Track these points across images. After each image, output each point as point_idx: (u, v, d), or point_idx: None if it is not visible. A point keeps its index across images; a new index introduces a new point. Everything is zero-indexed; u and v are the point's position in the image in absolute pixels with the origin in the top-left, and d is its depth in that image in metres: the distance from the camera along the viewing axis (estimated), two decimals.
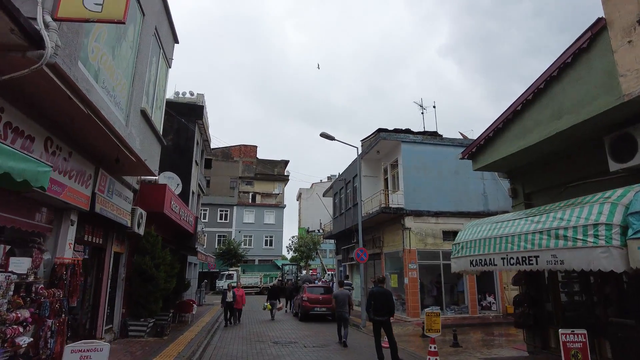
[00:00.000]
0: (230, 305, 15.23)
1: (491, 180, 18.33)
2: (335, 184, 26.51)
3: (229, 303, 15.22)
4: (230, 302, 15.20)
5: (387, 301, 8.93)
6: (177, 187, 15.72)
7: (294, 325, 16.32)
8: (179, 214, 14.14)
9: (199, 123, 24.10)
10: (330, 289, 18.77)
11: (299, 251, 47.05)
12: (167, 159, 22.73)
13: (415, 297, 16.00)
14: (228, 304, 15.27)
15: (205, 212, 48.65)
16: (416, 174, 17.36)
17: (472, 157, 10.20)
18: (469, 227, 9.00)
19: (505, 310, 17.02)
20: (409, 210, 16.74)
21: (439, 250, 16.88)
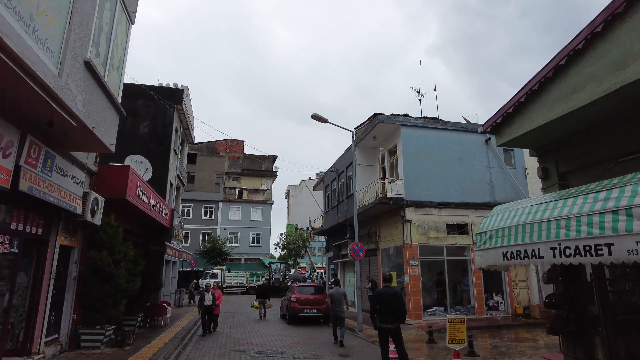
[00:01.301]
0: (209, 310, 12.77)
1: (498, 169, 16.80)
2: (327, 176, 24.76)
3: (208, 307, 12.73)
4: (209, 306, 12.72)
5: (397, 304, 7.22)
6: (145, 171, 13.80)
7: (281, 329, 14.53)
8: (148, 204, 12.24)
9: (179, 109, 22.16)
10: (321, 288, 17.03)
11: (288, 249, 45.23)
12: (143, 147, 20.79)
13: (417, 297, 14.36)
14: (207, 309, 12.74)
15: (189, 208, 46.57)
16: (417, 161, 15.71)
17: (496, 129, 8.52)
18: (498, 211, 7.33)
19: (514, 310, 15.50)
20: (410, 201, 15.09)
21: (443, 245, 15.28)
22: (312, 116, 14.78)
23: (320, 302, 16.02)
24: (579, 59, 6.45)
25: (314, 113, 14.74)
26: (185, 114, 23.67)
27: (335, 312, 11.30)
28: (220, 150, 57.84)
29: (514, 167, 17.21)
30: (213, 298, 12.68)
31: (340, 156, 21.52)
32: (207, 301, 12.61)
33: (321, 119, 14.81)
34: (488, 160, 16.76)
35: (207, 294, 12.72)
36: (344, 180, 20.62)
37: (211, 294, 12.76)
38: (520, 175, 17.22)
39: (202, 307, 12.61)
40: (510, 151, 17.40)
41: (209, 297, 12.64)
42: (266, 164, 60.20)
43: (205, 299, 12.61)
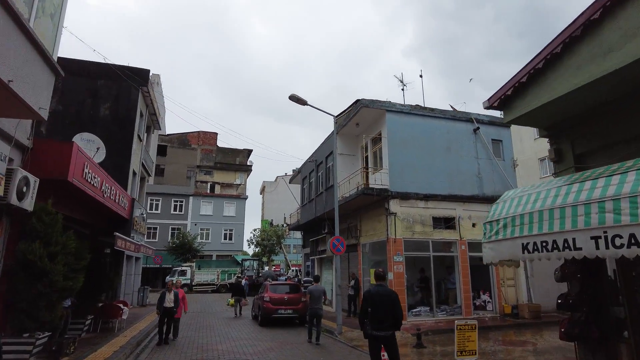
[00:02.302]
0: (169, 313, 10.60)
1: (486, 160, 15.90)
2: (304, 167, 23.41)
3: (168, 310, 10.54)
4: (169, 309, 10.56)
5: (391, 308, 5.97)
6: (96, 152, 12.08)
7: (252, 332, 13.12)
8: (100, 189, 10.57)
9: (144, 90, 20.29)
10: (297, 287, 15.70)
11: (262, 245, 43.63)
12: (103, 130, 18.83)
13: (402, 296, 13.18)
14: (167, 312, 10.54)
15: (158, 202, 44.28)
16: (403, 149, 14.58)
17: (504, 104, 7.39)
18: (512, 196, 6.18)
19: (502, 310, 14.63)
20: (395, 192, 13.95)
21: (429, 240, 14.22)
22: (290, 97, 13.42)
23: (296, 301, 14.70)
24: (618, 12, 5.35)
25: (293, 94, 13.39)
26: (152, 98, 21.79)
27: (313, 309, 10.87)
28: (192, 142, 55.51)
29: (503, 158, 16.36)
30: (175, 299, 10.67)
31: (320, 146, 20.22)
32: (167, 302, 10.53)
33: (300, 100, 13.46)
34: (476, 151, 15.83)
35: (168, 294, 10.68)
36: (323, 171, 19.33)
37: (173, 293, 10.76)
38: (509, 167, 16.39)
39: (161, 309, 10.51)
40: (499, 142, 16.55)
41: (170, 297, 10.60)
42: (240, 158, 58.20)
43: (166, 299, 10.54)
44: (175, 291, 10.92)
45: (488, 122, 16.46)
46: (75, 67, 19.15)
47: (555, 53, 6.23)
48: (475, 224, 14.97)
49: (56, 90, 18.71)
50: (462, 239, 14.55)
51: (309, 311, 11.15)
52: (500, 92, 7.33)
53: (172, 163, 52.76)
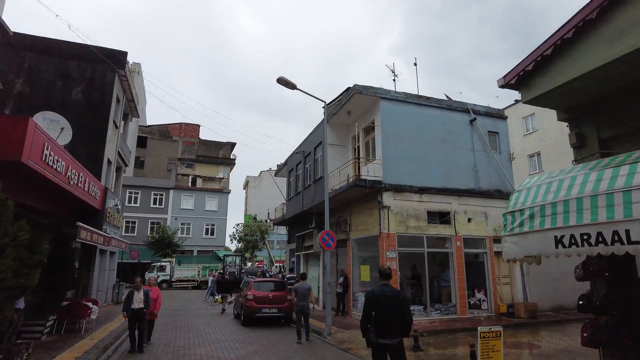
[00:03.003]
0: (139, 315, 8.95)
1: (482, 152, 15.24)
2: (291, 159, 22.43)
3: (136, 312, 8.91)
4: (138, 310, 8.93)
5: (399, 311, 5.11)
6: (60, 132, 10.89)
7: (235, 333, 12.17)
8: (64, 175, 9.43)
9: (121, 74, 18.99)
10: (282, 284, 14.78)
11: (245, 240, 42.48)
12: (75, 115, 17.44)
13: None
14: (135, 314, 8.90)
15: (137, 195, 42.69)
16: (397, 139, 13.78)
17: (522, 81, 6.61)
18: (539, 182, 5.38)
19: (498, 309, 14.02)
20: (389, 185, 13.14)
21: (423, 235, 13.47)
22: (278, 80, 12.44)
23: (281, 300, 13.80)
24: None
25: (281, 77, 12.42)
26: (130, 83, 20.48)
27: (300, 307, 10.68)
28: (173, 134, 53.85)
29: (499, 151, 15.73)
30: (146, 299, 9.05)
31: (308, 136, 19.29)
32: (135, 303, 8.89)
33: (289, 83, 12.49)
34: (472, 143, 15.15)
35: (137, 293, 9.01)
36: (311, 163, 18.41)
37: (143, 292, 9.13)
38: (506, 160, 15.77)
39: (129, 311, 8.84)
40: (495, 134, 15.91)
41: (139, 296, 8.97)
42: (224, 151, 56.74)
43: (134, 299, 8.89)
44: (146, 290, 9.32)
45: (484, 113, 15.81)
46: (43, 46, 17.76)
47: (589, 20, 5.45)
48: (471, 219, 14.31)
49: (22, 69, 17.39)
50: (457, 235, 13.86)
51: (296, 309, 10.86)
52: (519, 68, 6.53)
53: (153, 155, 51.07)
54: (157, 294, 9.72)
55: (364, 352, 9.29)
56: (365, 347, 9.24)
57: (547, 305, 14.60)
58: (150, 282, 10.04)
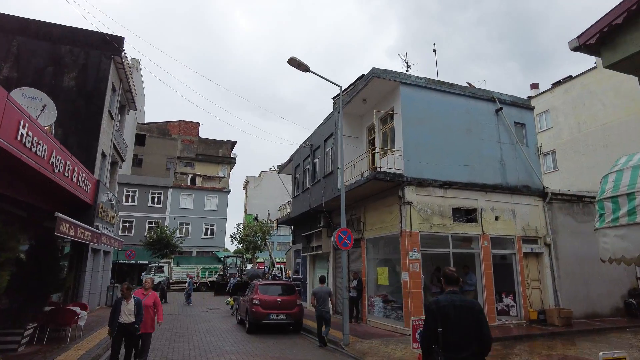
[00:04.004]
0: (128, 332, 6.91)
1: (509, 145, 14.01)
2: (297, 154, 21.15)
3: (126, 328, 6.86)
4: (128, 326, 6.85)
5: (475, 326, 3.83)
6: (42, 111, 9.62)
7: (240, 342, 10.88)
8: (47, 161, 8.17)
9: (117, 60, 17.74)
10: (292, 287, 13.52)
11: (245, 241, 41.16)
12: (67, 103, 16.14)
13: (418, 299, 11.20)
14: (123, 330, 6.87)
15: (134, 193, 41.39)
16: (419, 128, 12.55)
17: (606, 40, 5.37)
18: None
19: (528, 315, 12.76)
20: (411, 178, 11.89)
21: (449, 235, 12.22)
22: (289, 60, 11.23)
23: (291, 305, 12.55)
24: None
25: (293, 57, 11.20)
26: (127, 71, 19.24)
27: (320, 312, 10.39)
28: (172, 132, 52.62)
29: (526, 144, 14.51)
30: (138, 309, 6.94)
31: (317, 128, 18.03)
32: (124, 315, 6.83)
33: (301, 65, 11.28)
34: (498, 135, 13.93)
35: (125, 303, 6.90)
36: (320, 157, 17.15)
37: (133, 301, 6.96)
38: (533, 154, 14.54)
39: (115, 326, 6.81)
40: (521, 126, 14.69)
41: (129, 307, 6.87)
42: (223, 150, 55.51)
43: (122, 311, 6.83)
44: (137, 298, 7.11)
45: (510, 102, 14.59)
46: (34, 29, 16.49)
47: None
48: (498, 217, 13.07)
49: (9, 54, 16.12)
50: (484, 234, 12.61)
51: (316, 313, 10.51)
52: (602, 23, 5.27)
53: (151, 154, 49.82)
54: (153, 300, 7.64)
55: None
56: None
57: (579, 311, 13.35)
58: (145, 286, 7.80)
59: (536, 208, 13.92)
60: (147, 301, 7.44)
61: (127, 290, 7.04)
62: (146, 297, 7.46)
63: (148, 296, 7.58)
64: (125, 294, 6.99)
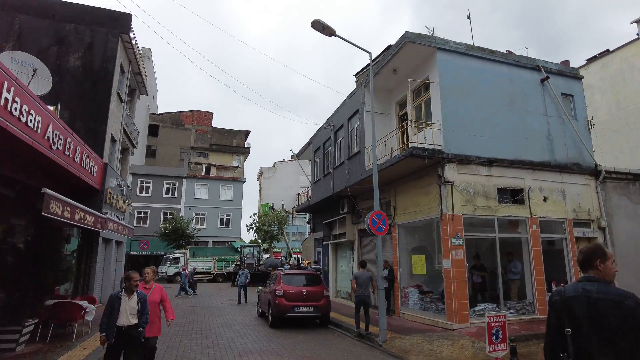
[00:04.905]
0: (129, 338, 5.26)
1: (556, 118, 12.54)
2: (317, 137, 19.90)
3: (127, 333, 5.23)
4: (129, 330, 5.24)
5: (623, 330, 2.59)
6: (33, 75, 8.55)
7: (263, 339, 9.80)
8: (44, 136, 7.10)
9: (125, 39, 16.69)
10: (317, 277, 12.40)
11: (262, 231, 40.28)
12: (73, 85, 15.16)
13: (463, 290, 9.94)
14: (122, 335, 5.21)
15: (149, 184, 40.76)
16: (459, 100, 11.18)
17: None
18: None
19: None
20: (452, 155, 10.56)
21: (494, 218, 10.89)
22: (313, 24, 9.95)
23: (317, 296, 11.46)
24: None
25: (317, 20, 9.92)
26: (136, 52, 18.18)
27: (361, 296, 10.06)
28: (185, 122, 51.87)
29: (575, 117, 13.02)
30: (142, 308, 5.37)
31: (338, 108, 16.71)
32: (123, 316, 5.22)
33: (326, 28, 10.00)
34: (545, 107, 12.46)
35: (125, 299, 5.30)
36: (343, 138, 15.88)
37: (136, 297, 5.38)
38: (583, 128, 13.04)
39: (111, 331, 5.16)
40: (569, 97, 13.18)
41: (131, 305, 5.30)
42: (237, 140, 54.60)
43: (121, 310, 5.23)
44: (141, 293, 5.49)
45: (557, 72, 13.07)
46: (36, 6, 15.48)
47: None
48: (547, 198, 11.68)
49: (11, 32, 15.16)
50: (532, 217, 11.25)
51: (356, 298, 10.13)
52: None
53: (165, 144, 49.18)
54: (159, 295, 6.07)
55: None
56: None
57: None
58: (146, 278, 6.08)
59: (588, 188, 12.46)
60: (153, 297, 5.96)
61: (134, 281, 5.35)
62: (150, 292, 5.96)
63: (152, 290, 6.04)
64: (130, 285, 5.34)
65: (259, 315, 13.76)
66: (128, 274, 5.34)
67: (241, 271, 18.19)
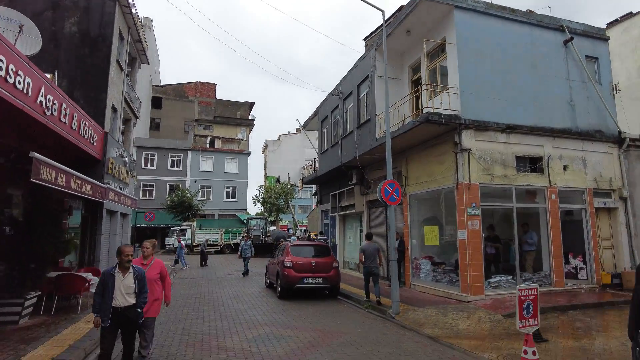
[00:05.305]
0: (127, 320, 4.67)
1: (579, 83, 11.82)
2: (323, 106, 19.25)
3: (124, 314, 4.61)
4: (126, 311, 4.61)
5: None
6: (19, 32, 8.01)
7: (273, 311, 9.58)
8: (36, 100, 6.63)
9: (122, 3, 15.86)
10: (327, 249, 12.11)
11: (268, 203, 40.13)
12: (70, 52, 14.58)
13: (478, 261, 9.59)
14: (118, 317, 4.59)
15: (153, 157, 40.46)
16: (477, 62, 10.48)
17: None
18: None
19: (600, 279, 11.05)
20: (469, 121, 9.97)
21: (512, 187, 10.39)
22: None
23: (326, 267, 11.19)
24: None
25: None
26: (135, 19, 17.38)
27: (369, 268, 10.09)
28: (189, 94, 51.04)
29: (599, 82, 12.29)
30: (141, 286, 4.75)
31: (347, 73, 15.98)
32: (118, 296, 4.59)
33: None
34: (567, 71, 11.72)
35: (119, 276, 4.65)
36: (352, 105, 15.24)
37: (133, 274, 4.72)
38: (608, 94, 12.34)
39: (106, 312, 4.53)
40: (593, 60, 12.41)
41: (127, 283, 4.64)
42: (242, 112, 53.83)
43: (116, 288, 4.59)
44: (139, 268, 4.90)
45: (581, 32, 12.24)
46: None
47: None
48: (566, 167, 11.13)
49: None
50: (552, 186, 10.74)
51: (364, 270, 10.20)
52: None
53: (169, 117, 48.53)
54: (159, 271, 5.56)
55: (466, 343, 6.52)
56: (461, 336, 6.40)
57: None
58: (144, 252, 5.54)
59: (610, 156, 11.88)
60: (151, 273, 5.36)
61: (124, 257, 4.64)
62: (149, 268, 5.41)
63: (151, 266, 5.47)
64: (123, 260, 4.64)
65: (267, 286, 13.59)
66: (119, 248, 4.73)
67: (244, 243, 17.74)
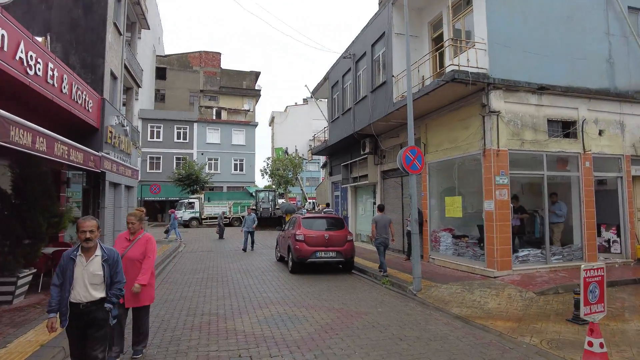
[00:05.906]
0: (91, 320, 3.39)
1: (620, 38, 10.68)
2: (334, 71, 18.17)
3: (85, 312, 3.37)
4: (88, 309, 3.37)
5: None
6: None
7: (285, 287, 9.01)
8: (14, 56, 5.84)
9: None
10: (341, 221, 11.45)
11: (276, 175, 39.50)
12: (62, 15, 13.63)
13: (506, 234, 8.84)
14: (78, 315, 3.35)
15: (159, 129, 39.74)
16: (507, 15, 9.40)
17: None
18: None
19: (635, 253, 10.29)
20: (498, 80, 9.00)
21: (543, 153, 9.50)
22: None
23: (340, 241, 10.57)
24: None
25: None
26: None
27: (382, 239, 9.97)
28: (193, 64, 49.67)
29: None
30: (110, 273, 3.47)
31: (360, 33, 14.85)
32: (80, 288, 3.34)
33: None
34: (607, 24, 10.56)
35: (83, 261, 3.37)
36: (366, 68, 14.21)
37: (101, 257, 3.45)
38: None
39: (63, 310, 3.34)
40: (637, 11, 11.18)
41: (92, 271, 3.37)
42: (247, 82, 52.43)
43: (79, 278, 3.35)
44: (110, 250, 3.57)
45: None
46: None
47: None
48: (602, 132, 10.18)
49: None
50: (586, 152, 9.83)
51: (376, 241, 10.04)
52: None
53: (174, 88, 47.43)
54: (144, 247, 4.44)
55: (500, 324, 5.87)
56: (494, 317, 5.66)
57: None
58: (130, 226, 4.49)
59: None
60: (133, 252, 4.35)
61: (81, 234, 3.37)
62: (131, 246, 4.37)
63: (135, 243, 4.40)
64: (82, 239, 3.38)
65: (277, 260, 13.08)
66: (77, 221, 3.46)
67: (247, 215, 17.04)
